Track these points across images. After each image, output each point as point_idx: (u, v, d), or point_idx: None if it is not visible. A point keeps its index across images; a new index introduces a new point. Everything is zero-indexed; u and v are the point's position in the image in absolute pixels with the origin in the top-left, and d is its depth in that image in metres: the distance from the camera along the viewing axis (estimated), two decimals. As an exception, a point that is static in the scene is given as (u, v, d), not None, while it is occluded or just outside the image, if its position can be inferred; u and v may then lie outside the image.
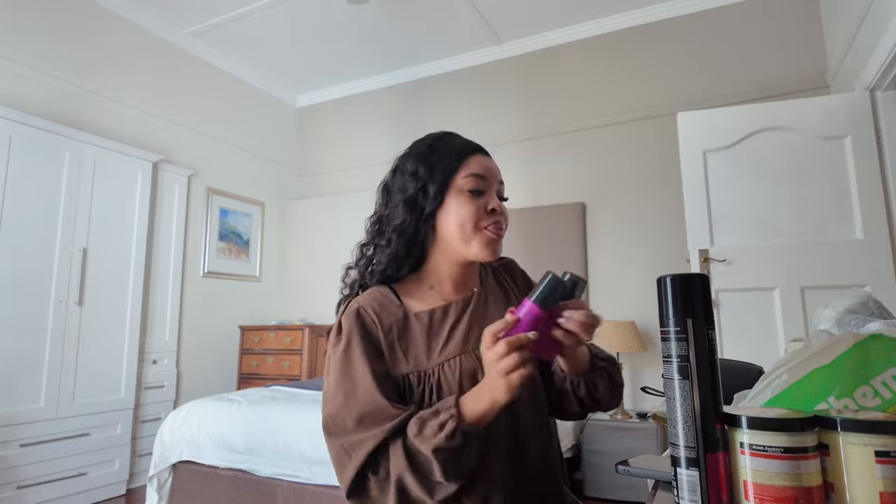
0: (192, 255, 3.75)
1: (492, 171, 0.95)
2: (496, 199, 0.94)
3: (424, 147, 0.96)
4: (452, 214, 0.91)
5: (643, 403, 3.20)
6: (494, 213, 0.91)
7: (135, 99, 3.46)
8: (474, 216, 0.90)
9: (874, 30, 2.26)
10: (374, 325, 0.90)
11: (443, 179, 0.91)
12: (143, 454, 3.20)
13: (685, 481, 0.52)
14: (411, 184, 0.93)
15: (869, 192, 2.53)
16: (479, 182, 0.92)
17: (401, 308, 0.93)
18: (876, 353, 0.58)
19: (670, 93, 3.38)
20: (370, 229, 0.99)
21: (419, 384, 0.88)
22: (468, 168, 0.92)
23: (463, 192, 0.91)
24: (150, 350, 3.37)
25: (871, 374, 0.56)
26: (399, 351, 0.90)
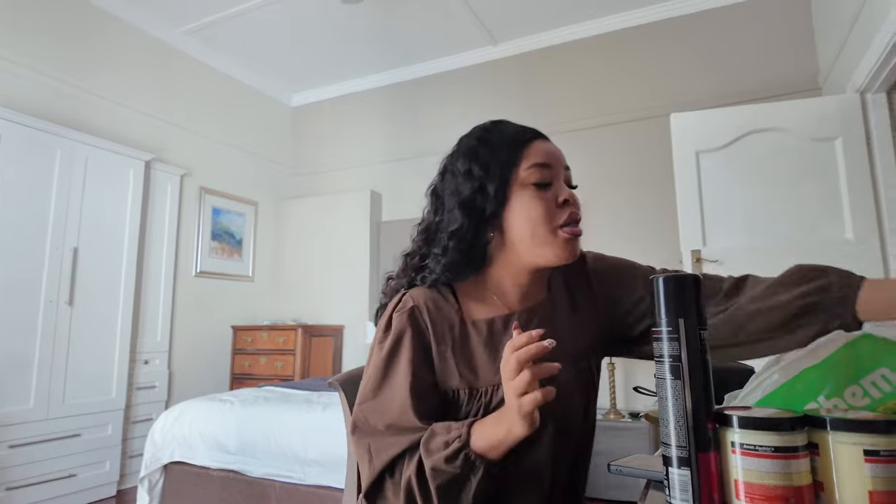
0: (184, 254, 3.73)
1: (556, 157, 0.84)
2: (566, 188, 0.84)
3: (473, 141, 0.86)
4: (520, 214, 0.80)
5: (636, 403, 3.21)
6: (568, 205, 0.81)
7: (128, 98, 3.44)
8: (546, 213, 0.79)
9: (865, 33, 2.28)
10: (427, 330, 0.82)
11: (502, 175, 0.81)
12: (134, 455, 3.18)
13: (677, 481, 0.52)
14: (465, 185, 0.82)
15: (859, 193, 2.55)
16: (543, 172, 0.81)
17: (458, 312, 0.85)
18: (865, 353, 0.58)
19: (664, 94, 3.40)
20: (417, 238, 0.90)
21: (469, 401, 0.80)
22: (529, 158, 0.82)
23: (527, 186, 0.81)
24: (142, 350, 3.35)
25: (861, 373, 0.57)
26: (451, 362, 0.82)
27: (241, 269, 4.20)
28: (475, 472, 0.70)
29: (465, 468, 0.70)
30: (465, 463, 0.70)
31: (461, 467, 0.70)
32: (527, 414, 0.64)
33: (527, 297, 0.87)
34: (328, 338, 3.99)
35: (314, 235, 4.31)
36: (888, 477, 0.46)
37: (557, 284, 0.91)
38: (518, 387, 0.63)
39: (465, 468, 0.70)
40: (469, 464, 0.70)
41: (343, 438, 1.15)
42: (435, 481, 0.71)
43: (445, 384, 0.82)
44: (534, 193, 0.80)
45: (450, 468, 0.70)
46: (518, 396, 0.64)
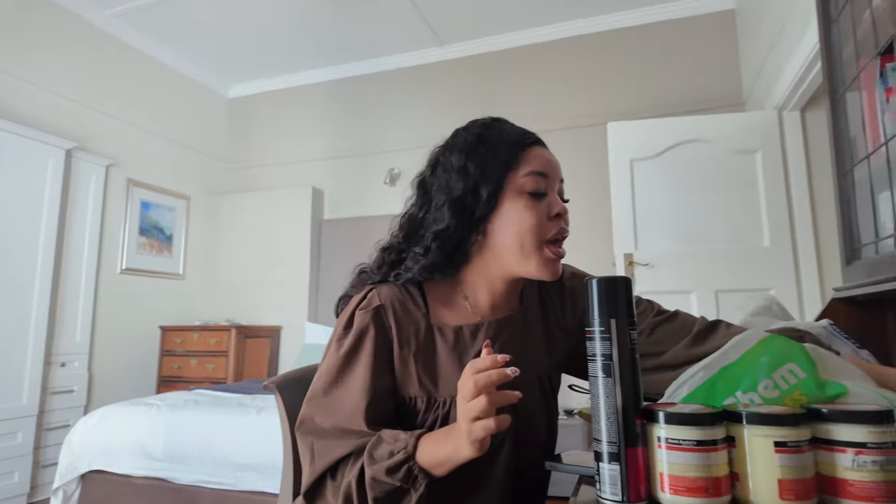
0: (108, 250, 3.51)
1: (554, 167, 0.81)
2: (559, 201, 0.80)
3: (473, 137, 0.81)
4: (510, 222, 0.77)
5: (570, 401, 3.31)
6: (559, 219, 0.79)
7: (47, 80, 3.19)
8: (537, 226, 0.77)
9: (782, 55, 2.46)
10: (391, 331, 0.79)
11: (499, 178, 0.77)
12: (47, 465, 2.95)
13: (607, 475, 0.54)
14: (458, 183, 0.78)
15: (775, 204, 2.74)
16: (540, 182, 0.78)
17: (426, 316, 0.81)
18: (775, 350, 0.63)
19: (602, 103, 3.53)
20: (397, 231, 0.85)
21: (427, 411, 0.78)
22: (528, 164, 0.78)
23: (522, 194, 0.77)
24: (59, 352, 3.12)
25: (772, 368, 0.61)
26: (412, 367, 0.78)
27: (171, 266, 4.00)
28: (416, 487, 0.67)
29: (406, 481, 0.67)
30: (406, 476, 0.67)
31: (402, 480, 0.67)
32: (475, 440, 0.62)
33: (498, 306, 0.84)
34: (264, 339, 3.87)
35: (251, 232, 4.16)
36: (795, 466, 0.50)
37: (531, 296, 0.89)
38: (472, 411, 0.61)
39: (406, 481, 0.67)
40: (411, 477, 0.67)
41: (279, 442, 1.12)
42: (373, 492, 0.68)
43: (404, 390, 0.79)
44: (528, 203, 0.77)
45: (390, 480, 0.67)
46: (470, 421, 0.61)
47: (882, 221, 0.96)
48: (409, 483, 0.67)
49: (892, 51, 0.84)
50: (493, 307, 0.83)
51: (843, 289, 1.05)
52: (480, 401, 0.60)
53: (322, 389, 0.78)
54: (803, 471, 0.50)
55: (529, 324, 0.86)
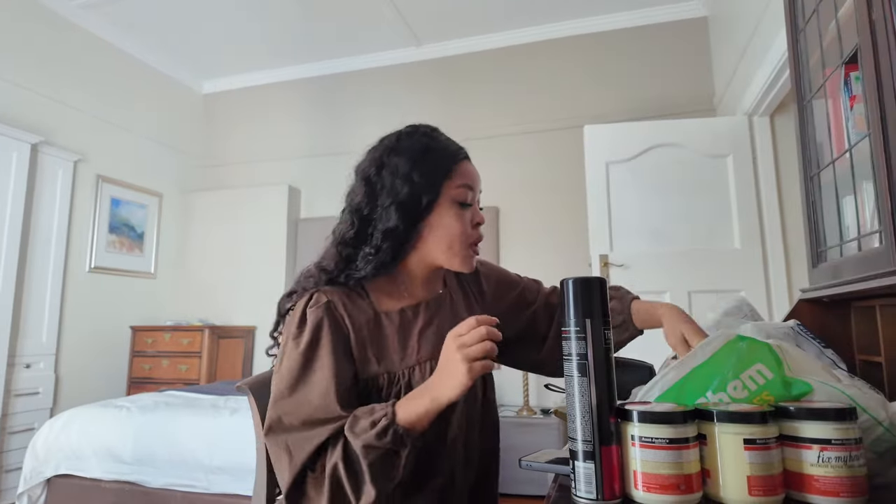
0: (76, 248, 3.41)
1: (476, 180, 0.94)
2: (479, 211, 0.94)
3: (419, 146, 0.90)
4: (441, 226, 0.89)
5: (546, 400, 3.34)
6: (478, 227, 0.92)
7: (11, 72, 3.09)
8: (463, 233, 0.89)
9: (752, 62, 2.52)
10: (344, 322, 0.85)
11: (436, 187, 0.88)
12: (10, 469, 2.86)
13: (582, 474, 0.55)
14: (404, 187, 0.87)
15: (745, 207, 2.81)
16: (468, 193, 0.90)
17: (371, 306, 0.89)
18: (743, 351, 0.64)
19: (579, 106, 3.57)
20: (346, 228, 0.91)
21: (389, 386, 0.85)
22: (460, 177, 0.90)
23: (454, 203, 0.89)
24: (23, 353, 3.02)
25: (741, 369, 0.63)
26: (369, 351, 0.86)
27: (142, 264, 3.91)
28: (404, 446, 0.74)
29: (394, 443, 0.73)
30: (394, 438, 0.73)
31: (391, 443, 0.73)
32: (474, 377, 0.71)
33: (429, 288, 0.97)
34: (238, 339, 3.81)
35: (225, 231, 4.09)
36: (763, 462, 0.51)
37: (451, 281, 1.03)
38: (477, 353, 0.70)
39: (394, 443, 0.73)
40: (398, 438, 0.73)
41: (252, 444, 1.11)
42: (367, 458, 0.73)
43: (365, 372, 0.85)
44: (457, 212, 0.89)
45: (381, 444, 0.73)
46: (471, 361, 0.70)
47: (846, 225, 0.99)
48: (398, 444, 0.74)
49: (857, 60, 0.87)
50: (425, 290, 0.96)
51: (809, 290, 1.08)
52: (486, 345, 0.71)
53: (287, 389, 0.82)
54: (771, 467, 0.51)
55: (456, 303, 1.00)
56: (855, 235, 0.94)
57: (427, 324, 0.92)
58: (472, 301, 1.03)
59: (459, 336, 0.73)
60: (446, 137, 0.96)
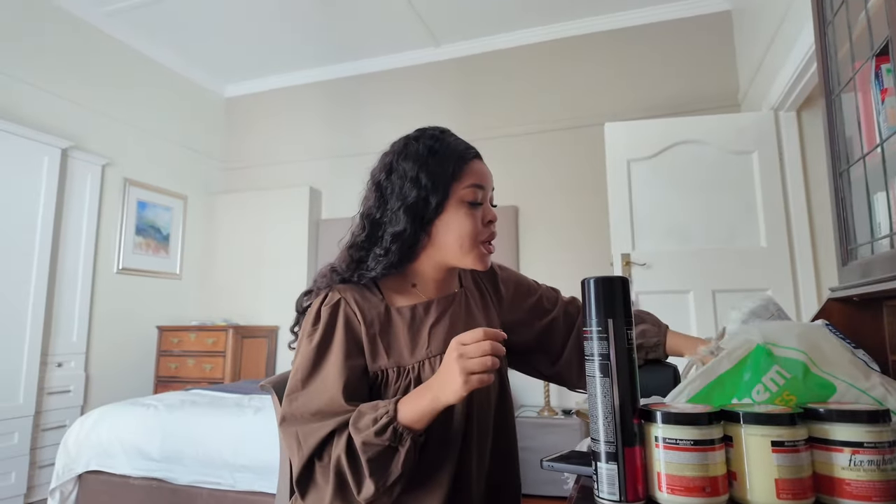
0: (105, 250, 3.50)
1: (487, 179, 0.95)
2: (491, 209, 0.95)
3: (425, 150, 0.92)
4: (452, 226, 0.90)
5: (568, 400, 3.31)
6: (491, 225, 0.93)
7: (42, 79, 3.18)
8: (474, 231, 0.90)
9: (778, 55, 2.47)
10: (356, 318, 0.88)
11: (445, 188, 0.90)
12: (43, 465, 2.94)
13: (604, 475, 0.54)
14: (412, 191, 0.89)
15: (772, 204, 2.75)
16: (478, 193, 0.92)
17: (383, 302, 0.92)
18: (762, 358, 0.63)
19: (599, 103, 3.53)
20: (358, 231, 0.95)
21: (398, 379, 0.87)
22: (469, 177, 0.92)
23: (463, 203, 0.90)
24: (55, 352, 3.11)
25: (761, 373, 0.62)
26: (380, 344, 0.89)
27: (168, 266, 3.99)
28: (403, 443, 0.76)
29: (393, 440, 0.75)
30: (393, 435, 0.75)
31: (390, 440, 0.75)
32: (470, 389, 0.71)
33: (442, 288, 0.98)
34: (261, 339, 3.86)
35: (248, 232, 4.15)
36: (792, 465, 0.50)
37: (468, 281, 1.04)
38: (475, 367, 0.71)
39: (393, 440, 0.75)
40: (397, 436, 0.75)
41: (276, 442, 1.13)
42: (366, 454, 0.75)
43: (374, 365, 0.88)
44: (467, 211, 0.91)
45: (379, 441, 0.75)
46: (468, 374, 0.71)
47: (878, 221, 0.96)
48: (396, 441, 0.75)
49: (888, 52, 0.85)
50: (438, 289, 0.97)
51: (838, 289, 1.05)
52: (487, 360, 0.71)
53: (300, 382, 0.85)
54: (800, 470, 0.50)
55: (471, 302, 1.01)
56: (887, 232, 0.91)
57: (438, 319, 0.94)
58: (488, 302, 1.04)
59: (463, 345, 0.73)
60: (455, 138, 0.97)
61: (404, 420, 0.76)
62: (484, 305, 1.03)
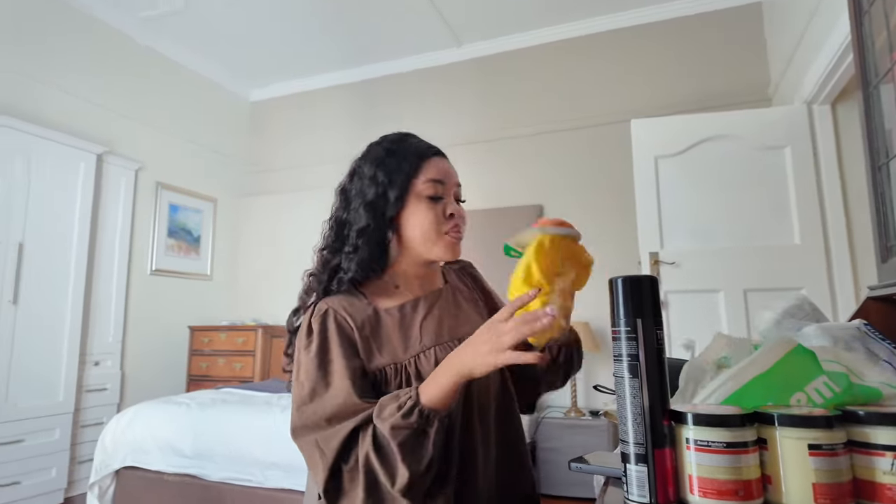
0: (138, 251, 3.60)
1: (449, 175, 0.97)
2: (454, 203, 0.97)
3: (382, 151, 0.97)
4: (415, 221, 0.93)
5: (596, 401, 3.28)
6: (453, 218, 0.95)
7: (78, 87, 3.29)
8: (434, 223, 0.93)
9: (811, 47, 2.39)
10: (347, 323, 0.90)
11: (402, 184, 0.93)
12: (83, 461, 3.05)
13: (634, 477, 0.54)
14: (370, 188, 0.93)
15: (806, 200, 2.67)
16: (437, 187, 0.94)
17: (370, 306, 0.94)
18: (807, 362, 0.61)
19: (625, 100, 3.48)
20: (328, 234, 0.98)
21: (396, 376, 0.88)
22: (427, 173, 0.94)
23: (422, 198, 0.93)
24: (92, 351, 3.21)
25: (804, 380, 0.60)
26: (373, 346, 0.90)
27: (199, 267, 4.08)
28: (431, 425, 0.76)
29: (420, 422, 0.75)
30: (419, 417, 0.75)
31: (417, 422, 0.75)
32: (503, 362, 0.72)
33: (426, 285, 1.01)
34: (289, 338, 3.92)
35: (275, 233, 4.22)
36: (831, 469, 0.48)
37: (452, 278, 1.07)
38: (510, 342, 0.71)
39: (420, 422, 0.75)
40: (424, 417, 0.76)
41: (304, 440, 1.13)
42: (396, 439, 0.75)
43: (371, 365, 0.89)
44: (427, 205, 0.93)
45: (407, 423, 0.75)
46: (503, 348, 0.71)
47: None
48: (424, 423, 0.76)
49: (929, 41, 0.82)
50: (422, 287, 1.00)
51: (878, 287, 1.02)
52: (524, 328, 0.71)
53: (308, 395, 0.85)
54: (839, 474, 0.49)
55: (458, 296, 1.03)
56: (929, 229, 0.88)
57: (427, 314, 0.95)
58: (475, 296, 1.07)
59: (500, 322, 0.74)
60: (417, 140, 1.00)
61: (428, 402, 0.76)
62: (472, 299, 1.05)
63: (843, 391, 0.58)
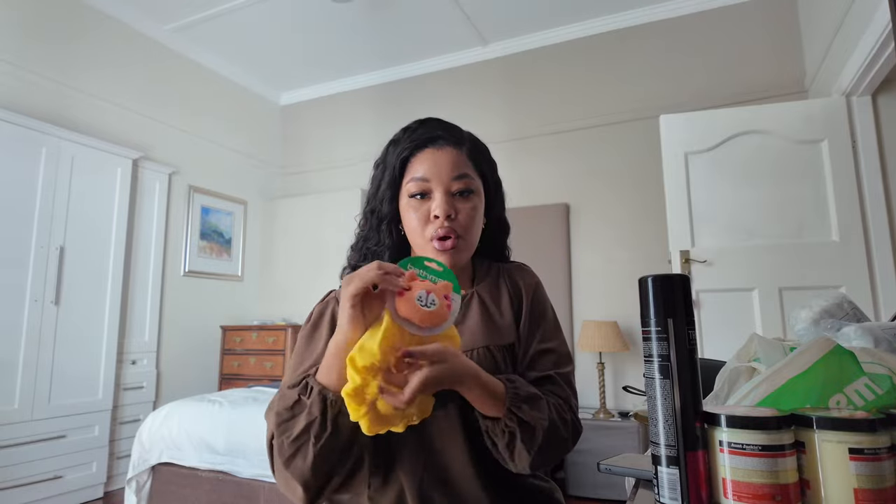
0: (172, 253, 3.70)
1: (437, 168, 0.86)
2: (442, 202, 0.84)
3: (381, 155, 0.94)
4: (405, 220, 0.89)
5: (625, 402, 3.23)
6: (440, 220, 0.84)
7: (114, 95, 3.40)
8: (418, 225, 0.86)
9: (850, 36, 2.31)
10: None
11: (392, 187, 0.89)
12: (121, 456, 3.15)
13: (666, 479, 0.53)
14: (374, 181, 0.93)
15: (845, 196, 2.58)
16: (421, 185, 0.86)
17: None
18: (846, 363, 0.59)
19: (653, 95, 3.42)
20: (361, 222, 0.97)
21: None
22: (411, 171, 0.88)
23: (409, 199, 0.87)
24: (129, 350, 3.32)
25: (844, 382, 0.58)
26: None
27: (231, 268, 4.17)
28: (308, 395, 0.72)
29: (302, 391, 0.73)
30: (304, 388, 0.73)
31: (300, 391, 0.72)
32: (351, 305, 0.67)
33: None
34: (318, 338, 3.97)
35: (304, 235, 4.28)
36: (873, 475, 0.47)
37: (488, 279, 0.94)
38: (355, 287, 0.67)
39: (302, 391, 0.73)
40: (307, 388, 0.72)
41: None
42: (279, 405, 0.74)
43: None
44: (414, 206, 0.87)
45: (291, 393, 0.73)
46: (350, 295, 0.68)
47: (968, 212, 0.89)
48: (304, 392, 0.72)
49: (978, 27, 0.78)
50: None
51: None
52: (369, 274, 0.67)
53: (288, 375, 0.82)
54: (882, 480, 0.47)
55: (483, 299, 0.92)
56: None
57: None
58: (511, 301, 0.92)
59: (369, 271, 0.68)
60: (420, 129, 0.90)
61: (319, 376, 0.73)
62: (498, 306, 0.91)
63: (886, 393, 0.56)
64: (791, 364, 0.61)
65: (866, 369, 0.59)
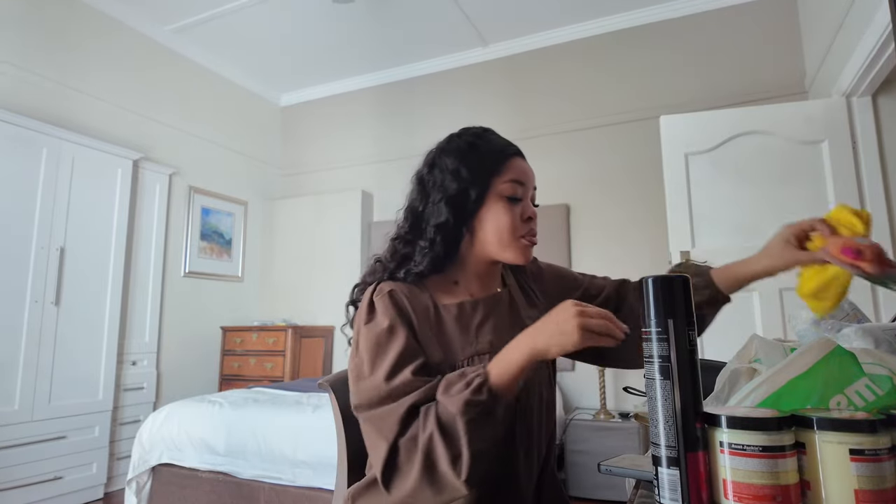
0: (172, 254, 3.70)
1: (529, 176, 0.95)
2: (531, 206, 0.95)
3: (465, 144, 0.94)
4: (491, 219, 0.91)
5: (625, 403, 3.23)
6: (530, 221, 0.93)
7: (115, 95, 3.40)
8: (512, 225, 0.91)
9: (850, 37, 2.31)
10: (408, 308, 0.88)
11: (484, 182, 0.91)
12: (121, 457, 3.14)
13: (666, 480, 0.53)
14: (452, 183, 0.91)
15: (845, 196, 2.58)
16: (517, 188, 0.92)
17: (430, 298, 0.92)
18: (846, 364, 0.59)
19: (653, 96, 3.42)
20: (402, 223, 0.96)
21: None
22: (509, 173, 0.92)
23: (502, 198, 0.91)
24: (130, 351, 3.31)
25: (844, 383, 0.58)
26: (432, 340, 0.88)
27: (231, 269, 4.17)
28: (499, 402, 0.75)
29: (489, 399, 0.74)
30: (489, 395, 0.74)
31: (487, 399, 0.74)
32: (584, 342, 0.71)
33: (485, 286, 0.98)
34: (318, 339, 3.97)
35: (304, 236, 4.28)
36: (874, 476, 0.47)
37: (510, 280, 1.04)
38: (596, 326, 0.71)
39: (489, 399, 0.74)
40: (493, 395, 0.75)
41: (334, 440, 1.15)
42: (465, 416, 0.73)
43: (428, 359, 0.87)
44: (506, 205, 0.91)
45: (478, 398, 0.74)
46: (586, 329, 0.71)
47: (968, 213, 0.89)
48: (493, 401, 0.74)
49: (978, 28, 0.78)
50: (481, 287, 0.98)
51: (924, 286, 0.98)
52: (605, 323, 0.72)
53: (368, 367, 0.83)
54: (883, 481, 0.47)
55: (516, 302, 1.00)
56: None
57: (485, 319, 0.93)
58: (534, 301, 1.04)
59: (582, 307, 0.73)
60: (497, 136, 0.98)
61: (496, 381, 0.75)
62: (530, 304, 1.02)
63: (887, 394, 0.56)
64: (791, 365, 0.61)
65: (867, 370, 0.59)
